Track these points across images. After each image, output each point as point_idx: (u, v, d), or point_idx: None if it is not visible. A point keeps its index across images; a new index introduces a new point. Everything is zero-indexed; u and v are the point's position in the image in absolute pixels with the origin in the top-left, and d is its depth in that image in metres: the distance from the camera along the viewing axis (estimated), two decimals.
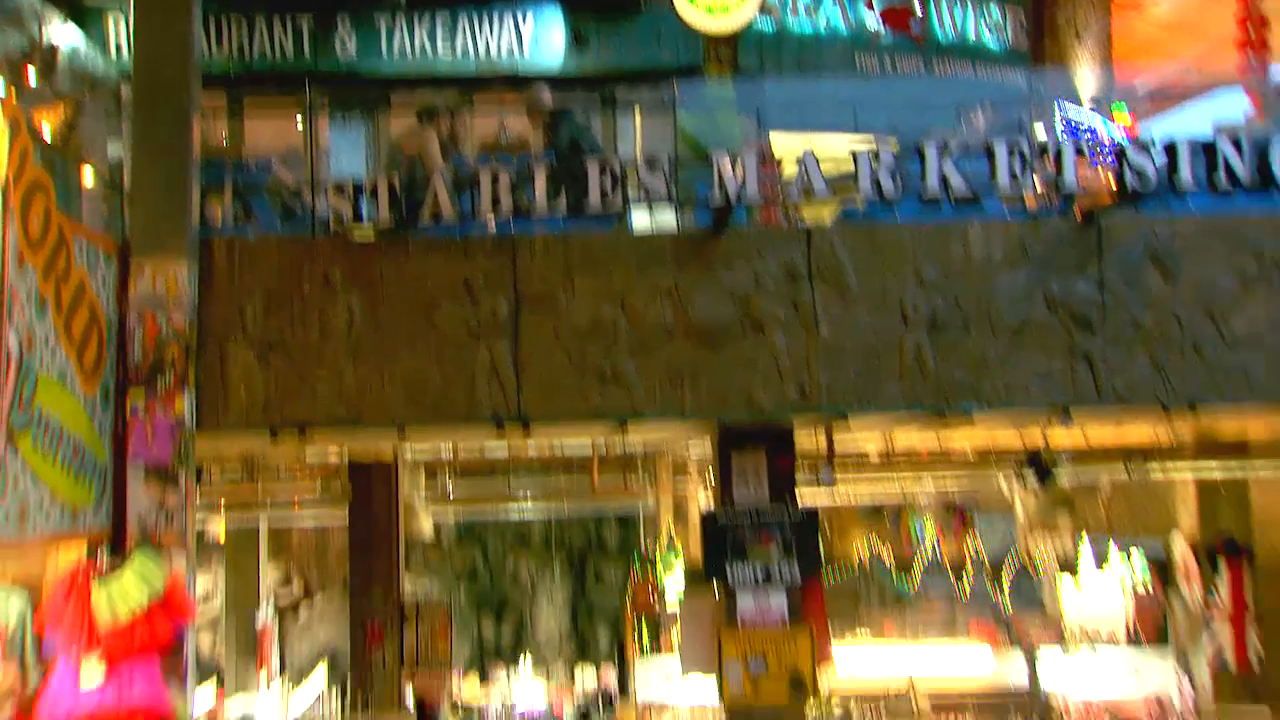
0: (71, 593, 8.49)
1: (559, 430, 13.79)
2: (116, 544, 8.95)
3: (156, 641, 8.63)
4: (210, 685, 19.95)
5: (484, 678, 22.68)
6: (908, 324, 11.41)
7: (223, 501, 19.38)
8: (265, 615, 23.31)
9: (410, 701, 15.63)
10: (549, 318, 11.24)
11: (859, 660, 17.31)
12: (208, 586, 21.70)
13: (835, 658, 15.66)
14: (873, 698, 16.73)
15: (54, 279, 8.56)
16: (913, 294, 11.44)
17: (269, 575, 24.45)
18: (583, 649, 27.13)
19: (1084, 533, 19.26)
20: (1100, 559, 17.77)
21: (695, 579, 14.16)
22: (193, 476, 9.56)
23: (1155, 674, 17.34)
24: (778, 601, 12.11)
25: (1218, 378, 11.39)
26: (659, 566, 18.83)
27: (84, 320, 9.08)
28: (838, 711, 15.27)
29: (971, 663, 17.31)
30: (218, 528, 21.24)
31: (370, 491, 16.04)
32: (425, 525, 20.18)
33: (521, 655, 25.44)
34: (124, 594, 8.46)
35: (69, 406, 8.54)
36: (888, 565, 18.61)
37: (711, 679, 12.64)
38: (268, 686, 21.93)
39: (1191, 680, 17.43)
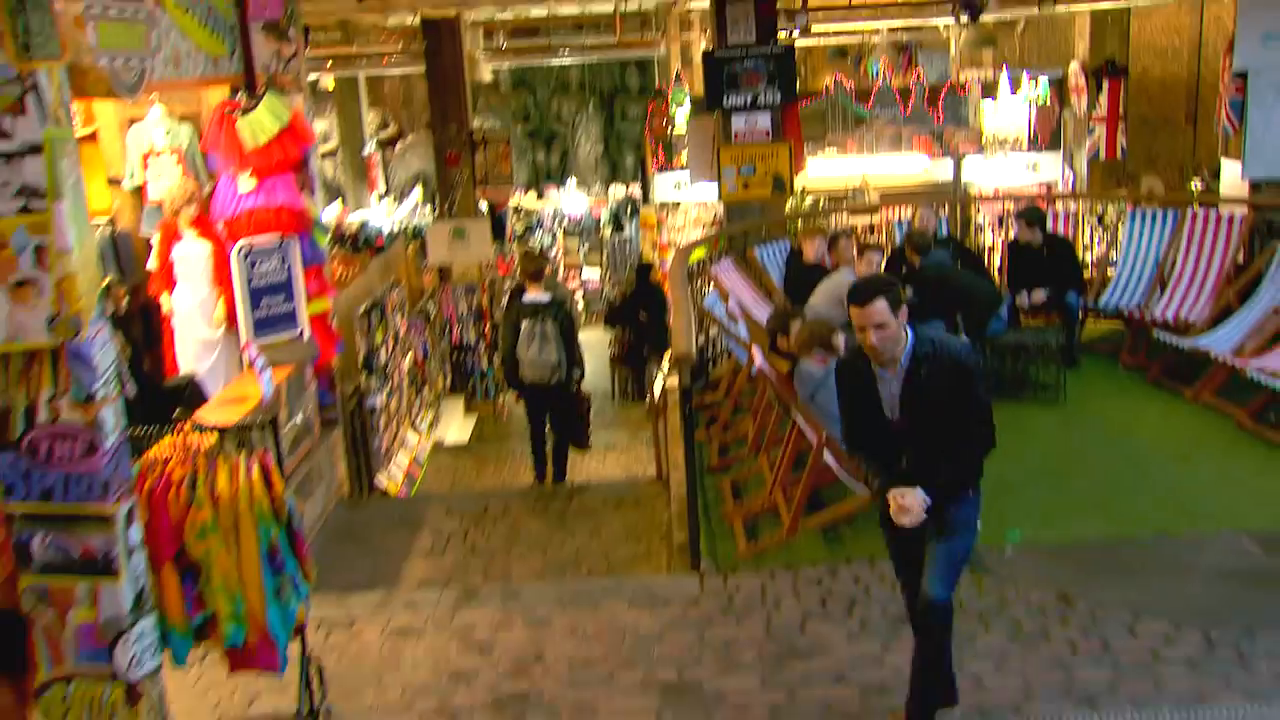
0: (222, 124, 8.59)
1: None
2: (249, 86, 8.97)
3: (289, 161, 8.76)
4: (336, 203, 20.37)
5: (539, 194, 23.02)
6: None
7: (329, 62, 19.30)
8: (370, 148, 23.54)
9: (483, 206, 15.91)
10: None
11: (825, 167, 17.52)
12: (326, 127, 21.83)
13: (807, 165, 15.85)
14: (835, 194, 17.00)
15: None
16: None
17: (370, 119, 24.56)
18: (613, 169, 27.36)
19: (1003, 64, 19.20)
20: (1014, 84, 17.73)
21: (699, 108, 14.20)
22: (301, 33, 9.46)
23: (1048, 168, 17.88)
24: (763, 121, 12.19)
25: None
26: (671, 101, 18.84)
27: None
28: (807, 202, 15.53)
29: (911, 166, 17.51)
30: (327, 81, 21.20)
31: (441, 48, 15.82)
32: (485, 74, 20.10)
33: (566, 176, 25.77)
34: (260, 124, 8.53)
35: None
36: (849, 95, 18.51)
37: (712, 183, 12.91)
38: (377, 202, 22.35)
39: (1073, 170, 17.86)
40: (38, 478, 4.49)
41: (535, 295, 10.56)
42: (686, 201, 16.88)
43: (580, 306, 20.64)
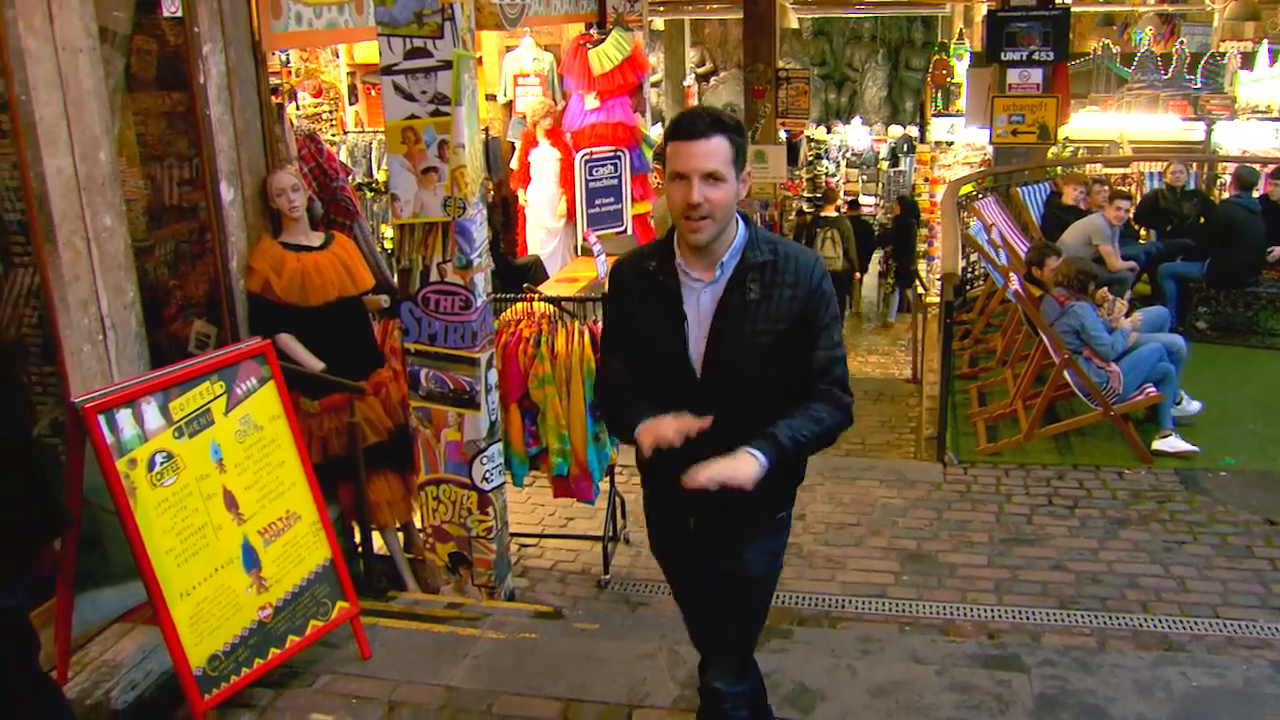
0: (576, 53, 8.81)
1: None
2: (601, 23, 9.15)
3: (627, 86, 8.92)
4: (658, 125, 20.56)
5: (828, 129, 22.64)
6: None
7: (662, 6, 19.34)
8: (689, 80, 23.60)
9: (782, 134, 15.79)
10: None
11: (1086, 120, 16.59)
12: (654, 61, 22.00)
13: (1071, 118, 15.05)
14: (1093, 146, 16.12)
15: None
16: None
17: (690, 55, 24.58)
18: (894, 112, 26.63)
19: (1264, 38, 17.60)
20: (1274, 57, 16.24)
21: (977, 61, 13.66)
22: None
23: None
24: (1035, 76, 11.64)
25: None
26: (952, 53, 18.17)
27: None
28: (1067, 151, 14.79)
29: (1165, 126, 16.36)
30: (658, 22, 21.28)
31: None
32: (792, 21, 19.77)
33: (853, 114, 25.25)
34: (606, 54, 8.71)
35: None
36: (1115, 58, 17.40)
37: (985, 128, 12.48)
38: None
39: None
40: (426, 324, 4.81)
41: (828, 213, 13.75)
42: (958, 143, 16.31)
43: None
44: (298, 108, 9.82)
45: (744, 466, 2.60)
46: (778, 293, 2.77)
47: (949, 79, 18.04)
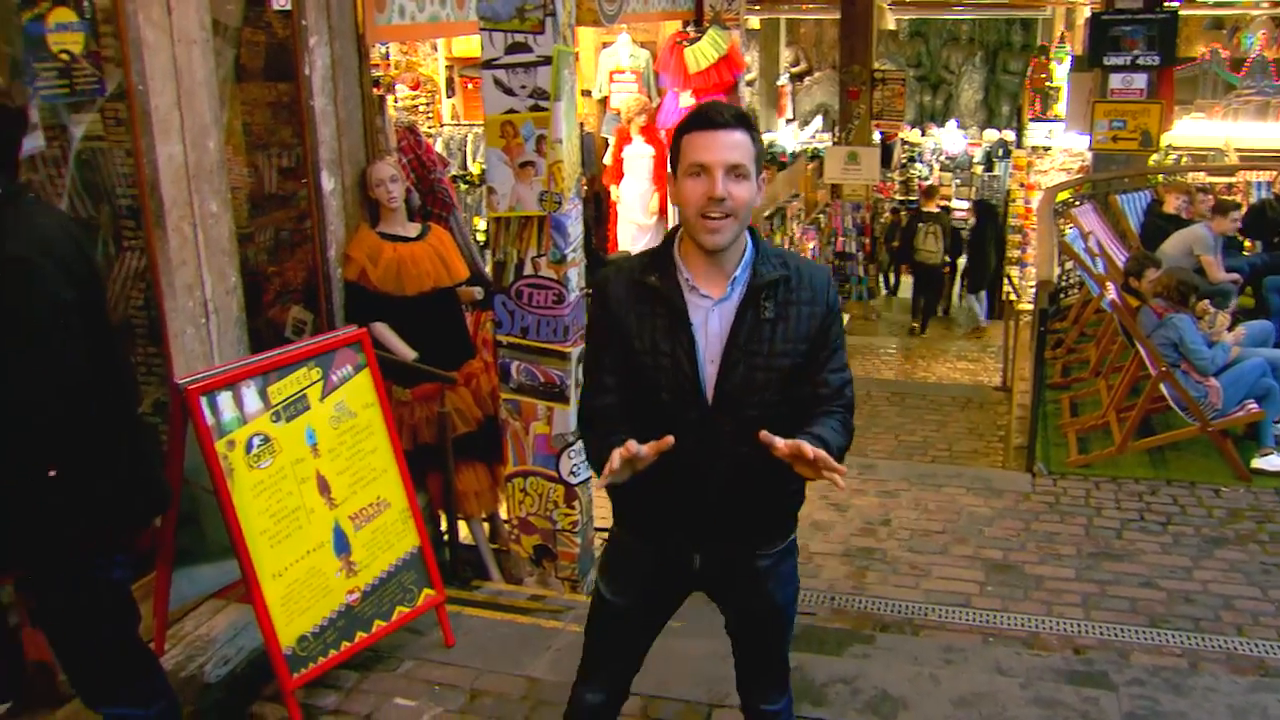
0: (672, 50, 8.81)
1: None
2: (698, 21, 9.14)
3: (722, 84, 8.92)
4: None
5: (923, 132, 22.37)
6: None
7: (759, 5, 19.22)
8: (783, 80, 23.49)
9: (876, 136, 15.63)
10: None
11: (1190, 127, 16.16)
12: (748, 60, 21.91)
13: (1174, 124, 14.68)
14: (1196, 153, 15.70)
15: None
16: None
17: (785, 55, 24.45)
18: (990, 115, 26.20)
19: None
20: None
21: (1079, 65, 13.40)
22: None
23: None
24: (1139, 81, 11.40)
25: None
26: (1052, 56, 17.84)
27: None
28: (1170, 158, 14.44)
29: (1275, 133, 15.87)
30: (753, 21, 21.18)
31: None
32: (889, 22, 19.57)
33: (948, 117, 24.89)
34: (703, 52, 8.71)
35: None
36: (1224, 64, 16.91)
37: (1085, 134, 12.24)
38: (784, 125, 22.34)
39: None
40: (519, 317, 4.84)
41: (929, 208, 14.36)
42: (1055, 148, 16.01)
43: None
44: (395, 100, 9.95)
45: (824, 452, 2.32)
46: (795, 311, 2.53)
47: (1048, 83, 17.75)
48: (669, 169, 2.57)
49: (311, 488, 3.85)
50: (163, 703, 3.03)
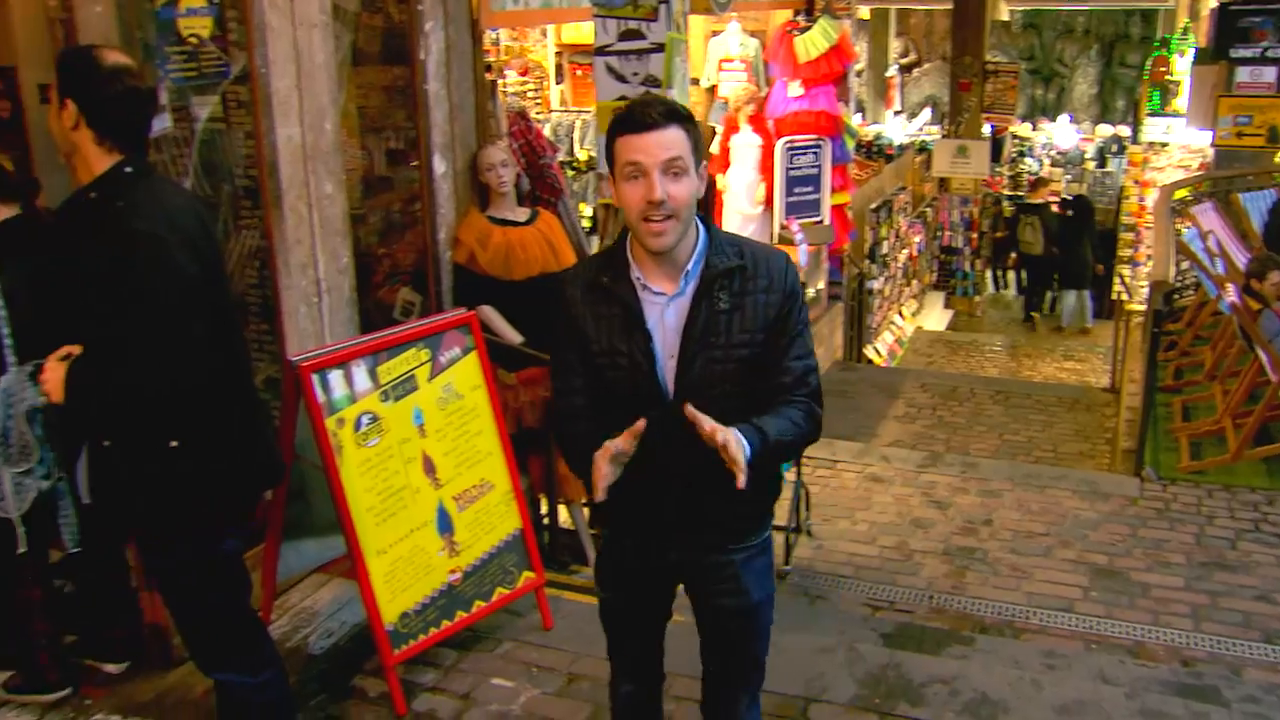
0: (782, 40, 8.72)
1: None
2: (809, 10, 9.05)
3: (832, 75, 8.79)
4: (858, 115, 20.23)
5: (1033, 126, 21.90)
6: None
7: None
8: (891, 71, 23.17)
9: (986, 130, 15.31)
10: None
11: None
12: (858, 50, 21.69)
13: None
14: None
15: None
16: None
17: (894, 46, 24.11)
18: (1103, 110, 25.55)
19: None
20: None
21: (1202, 57, 12.96)
22: None
23: None
24: (1268, 75, 10.97)
25: None
26: (1173, 49, 17.29)
27: None
28: None
29: None
30: (863, 11, 20.92)
31: None
32: (1003, 13, 19.14)
33: (1060, 112, 24.33)
34: (813, 42, 8.60)
35: None
36: None
37: (1207, 130, 11.84)
38: (892, 117, 22.04)
39: None
40: None
41: (1035, 199, 14.74)
42: (1173, 144, 15.51)
43: None
44: (504, 86, 10.03)
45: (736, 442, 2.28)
46: (750, 300, 2.46)
47: (1167, 76, 17.16)
48: (608, 172, 2.51)
49: (417, 467, 3.89)
50: (270, 672, 3.10)
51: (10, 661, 3.83)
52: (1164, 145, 15.77)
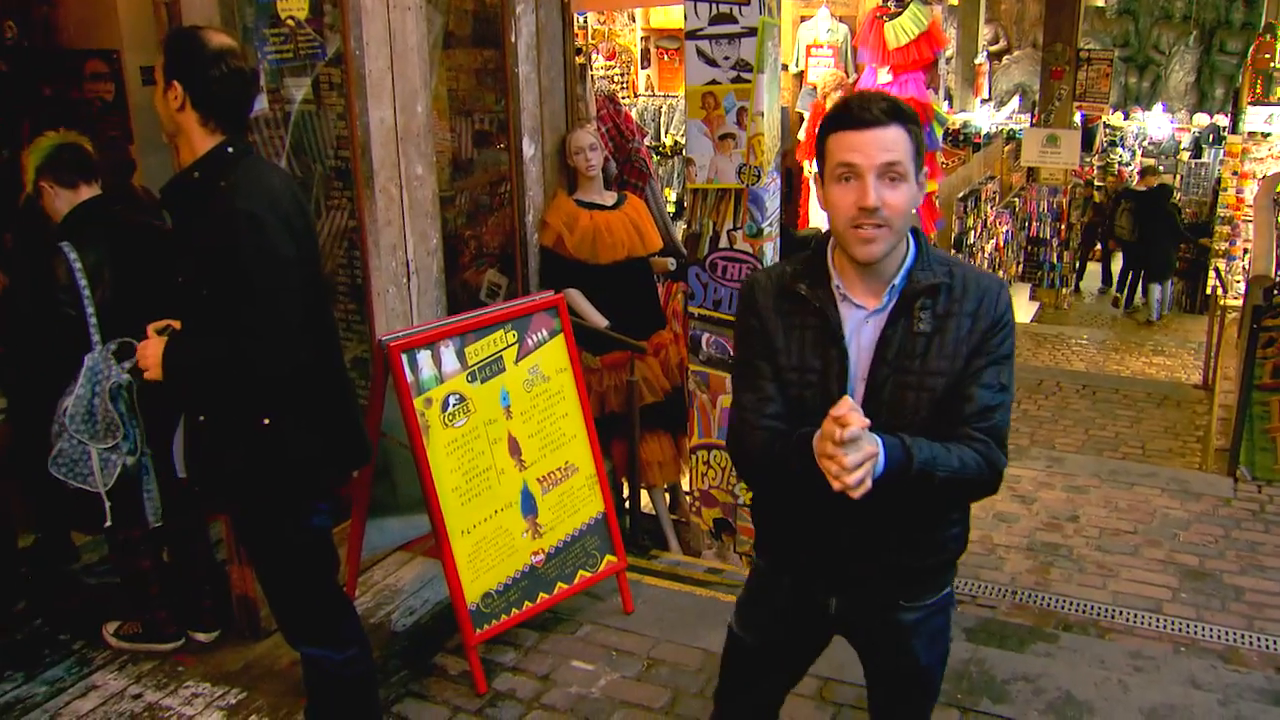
0: (872, 25, 8.59)
1: None
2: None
3: (922, 61, 8.62)
4: (946, 103, 19.90)
5: (1126, 115, 21.39)
6: None
7: None
8: (980, 58, 22.76)
9: (1077, 118, 14.99)
10: None
11: None
12: (950, 35, 21.35)
13: None
14: None
15: None
16: None
17: (984, 33, 23.68)
18: (1201, 99, 24.84)
19: None
20: None
21: None
22: None
23: None
24: None
25: None
26: (1279, 34, 16.73)
27: None
28: None
29: None
30: None
31: None
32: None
33: (1154, 100, 23.72)
34: (903, 28, 8.45)
35: None
36: None
37: None
38: (980, 105, 21.66)
39: None
40: (713, 289, 4.80)
41: (1139, 186, 14.82)
42: (1276, 134, 15.02)
43: None
44: (593, 70, 10.02)
45: (860, 458, 1.95)
46: (954, 323, 2.16)
47: (1272, 64, 16.61)
48: (816, 170, 2.25)
49: (503, 449, 3.90)
50: (355, 648, 3.12)
51: (128, 614, 4.02)
52: (1265, 135, 15.28)
